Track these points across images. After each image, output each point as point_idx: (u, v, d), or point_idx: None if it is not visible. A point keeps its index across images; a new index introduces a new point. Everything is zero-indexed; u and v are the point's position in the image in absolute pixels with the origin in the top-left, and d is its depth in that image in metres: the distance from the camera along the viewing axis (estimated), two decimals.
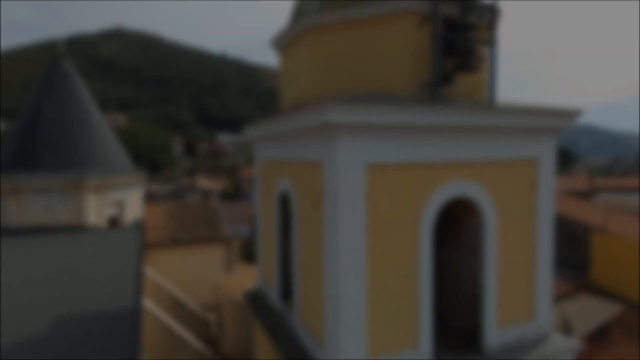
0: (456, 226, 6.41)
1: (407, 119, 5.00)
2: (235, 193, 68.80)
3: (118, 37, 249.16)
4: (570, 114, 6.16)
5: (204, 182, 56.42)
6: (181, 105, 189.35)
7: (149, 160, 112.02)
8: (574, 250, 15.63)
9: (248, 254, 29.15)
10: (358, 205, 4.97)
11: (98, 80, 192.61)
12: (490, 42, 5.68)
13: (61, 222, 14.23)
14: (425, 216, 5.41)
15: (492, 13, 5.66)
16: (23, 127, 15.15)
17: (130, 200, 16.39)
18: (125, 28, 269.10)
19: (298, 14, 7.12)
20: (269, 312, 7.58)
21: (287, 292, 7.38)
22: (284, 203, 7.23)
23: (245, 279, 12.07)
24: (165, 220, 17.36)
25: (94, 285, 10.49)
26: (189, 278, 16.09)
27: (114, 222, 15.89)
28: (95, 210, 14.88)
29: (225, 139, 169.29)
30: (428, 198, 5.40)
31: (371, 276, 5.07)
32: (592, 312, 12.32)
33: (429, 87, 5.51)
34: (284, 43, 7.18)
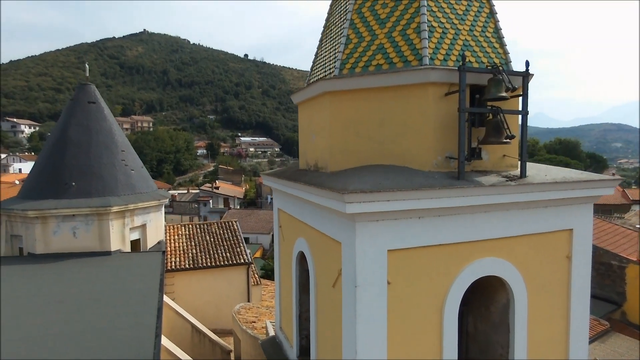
0: (484, 298, 6.08)
1: (431, 204, 4.73)
2: (257, 196, 69.32)
3: (144, 40, 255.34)
4: (609, 183, 5.74)
5: (225, 188, 57.00)
6: (204, 107, 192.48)
7: (173, 162, 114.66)
8: (607, 283, 14.86)
9: (268, 270, 29.24)
10: (379, 291, 4.74)
11: (125, 83, 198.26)
12: (521, 111, 5.33)
13: (86, 247, 14.54)
14: (450, 298, 5.12)
15: (524, 80, 5.31)
16: (50, 153, 15.54)
17: (152, 223, 16.60)
18: (151, 31, 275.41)
19: (317, 72, 6.93)
20: None
21: (304, 350, 7.22)
22: (302, 261, 7.05)
23: (264, 314, 11.98)
24: (186, 242, 17.51)
25: (115, 311, 10.72)
26: (208, 302, 16.16)
27: (136, 245, 16.14)
28: (119, 235, 15.13)
29: (246, 140, 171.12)
30: (453, 280, 5.12)
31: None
32: (627, 356, 11.64)
33: (455, 161, 5.21)
34: (302, 100, 7.00)
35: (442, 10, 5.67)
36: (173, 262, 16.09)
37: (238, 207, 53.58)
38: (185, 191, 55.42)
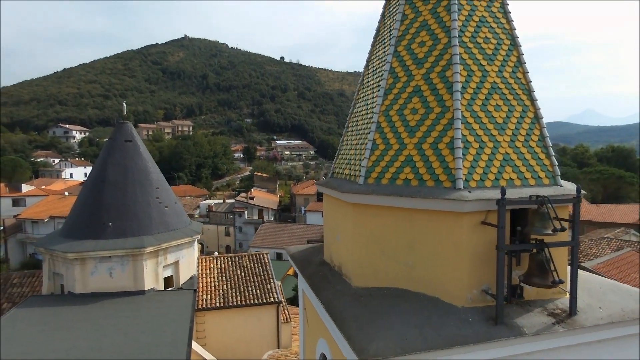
0: None
1: (465, 357, 4.23)
2: (291, 204, 69.75)
3: (185, 46, 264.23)
4: None
5: (260, 197, 57.67)
6: (241, 110, 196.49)
7: (211, 166, 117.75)
8: None
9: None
10: None
11: (167, 88, 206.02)
12: (572, 241, 4.68)
13: (121, 287, 14.91)
14: None
15: (574, 207, 4.66)
16: (89, 192, 16.10)
17: (185, 259, 16.83)
18: (191, 37, 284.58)
19: (342, 163, 6.54)
20: None
21: None
22: None
23: None
24: (217, 277, 17.64)
25: (146, 351, 10.94)
26: (238, 341, 16.18)
27: (170, 281, 16.42)
28: (152, 274, 15.42)
29: (281, 143, 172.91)
30: None
31: None
32: None
33: (492, 298, 4.66)
34: (328, 195, 6.64)
35: (478, 120, 5.11)
36: (204, 300, 16.23)
37: (272, 218, 54.01)
38: (222, 201, 56.61)
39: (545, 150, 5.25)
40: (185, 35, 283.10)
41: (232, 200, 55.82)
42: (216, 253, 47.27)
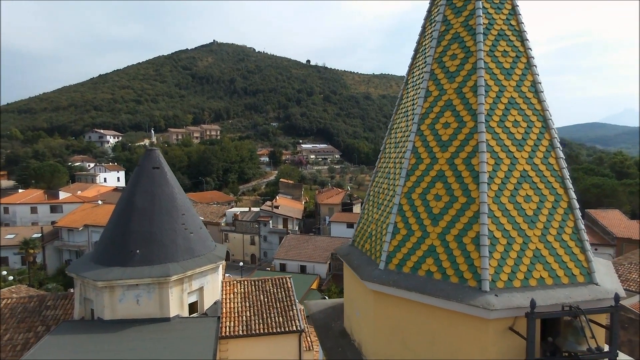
0: None
1: None
2: (315, 212, 69.80)
3: (213, 51, 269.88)
4: None
5: (285, 206, 57.99)
6: (267, 114, 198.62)
7: (238, 171, 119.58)
8: None
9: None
10: None
11: (196, 93, 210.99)
12: (609, 352, 4.34)
13: (147, 314, 15.25)
14: None
15: (612, 317, 4.32)
16: (118, 220, 16.56)
17: (209, 285, 17.05)
18: (220, 42, 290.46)
19: (363, 233, 6.38)
20: None
21: None
22: None
23: None
24: (241, 302, 17.76)
25: None
26: None
27: (194, 307, 16.66)
28: (178, 301, 15.69)
29: (307, 147, 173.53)
30: None
31: None
32: None
33: None
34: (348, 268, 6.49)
35: (506, 213, 4.84)
36: (228, 327, 16.37)
37: (296, 227, 54.18)
38: (247, 209, 57.27)
39: (580, 244, 4.91)
40: (214, 40, 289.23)
41: (257, 209, 56.37)
42: (241, 263, 47.90)
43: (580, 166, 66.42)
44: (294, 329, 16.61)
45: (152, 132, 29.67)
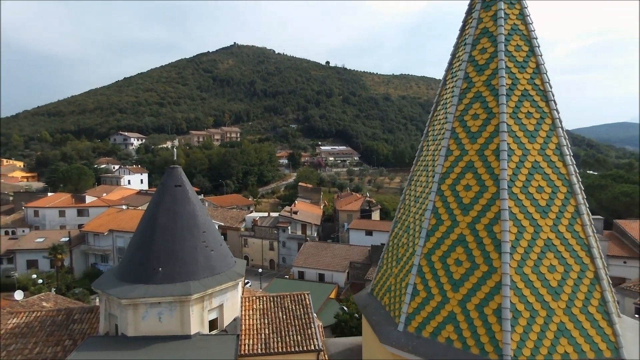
0: None
1: None
2: (333, 218, 69.79)
3: (234, 53, 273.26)
4: None
5: (304, 211, 58.21)
6: (287, 116, 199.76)
7: (257, 174, 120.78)
8: None
9: (341, 321, 28.95)
10: None
11: (217, 95, 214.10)
12: None
13: (169, 331, 15.58)
14: None
15: None
16: (142, 237, 16.98)
17: (229, 302, 17.28)
18: (240, 44, 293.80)
19: (382, 285, 6.36)
20: None
21: None
22: None
23: None
24: (260, 319, 17.94)
25: None
26: None
27: (214, 323, 16.92)
28: (198, 318, 15.97)
29: (325, 149, 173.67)
30: None
31: None
32: None
33: None
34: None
35: (530, 284, 4.74)
36: (247, 346, 16.57)
37: (315, 234, 54.30)
38: (266, 214, 57.74)
39: (608, 317, 4.77)
40: (235, 42, 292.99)
41: (276, 214, 56.78)
42: (260, 270, 48.31)
43: (609, 172, 64.17)
44: (312, 348, 16.66)
45: (175, 150, 31.03)
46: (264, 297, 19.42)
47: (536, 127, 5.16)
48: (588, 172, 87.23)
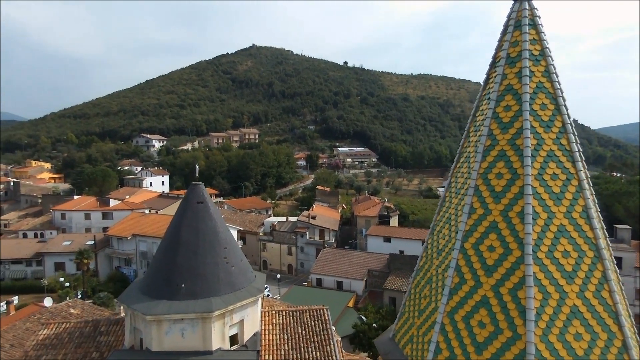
0: None
1: None
2: (351, 222, 69.73)
3: (252, 55, 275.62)
4: None
5: (322, 215, 58.36)
6: (304, 117, 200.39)
7: (275, 176, 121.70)
8: None
9: (359, 332, 28.94)
10: None
11: (235, 97, 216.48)
12: None
13: (191, 347, 15.96)
14: None
15: None
16: (165, 253, 17.43)
17: (249, 317, 17.56)
18: (259, 45, 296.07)
19: (401, 342, 6.40)
20: None
21: None
22: None
23: None
24: (279, 334, 18.16)
25: None
26: None
27: (235, 338, 17.23)
28: (219, 334, 16.30)
29: (343, 151, 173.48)
30: None
31: None
32: None
33: None
34: None
35: (554, 352, 4.69)
36: None
37: (333, 239, 54.40)
38: (285, 219, 58.16)
39: None
40: (253, 44, 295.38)
41: (294, 219, 57.14)
42: (278, 275, 48.70)
43: (637, 177, 61.94)
44: None
45: (197, 167, 31.80)
46: (284, 312, 19.64)
47: (562, 189, 5.11)
48: (614, 174, 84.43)
